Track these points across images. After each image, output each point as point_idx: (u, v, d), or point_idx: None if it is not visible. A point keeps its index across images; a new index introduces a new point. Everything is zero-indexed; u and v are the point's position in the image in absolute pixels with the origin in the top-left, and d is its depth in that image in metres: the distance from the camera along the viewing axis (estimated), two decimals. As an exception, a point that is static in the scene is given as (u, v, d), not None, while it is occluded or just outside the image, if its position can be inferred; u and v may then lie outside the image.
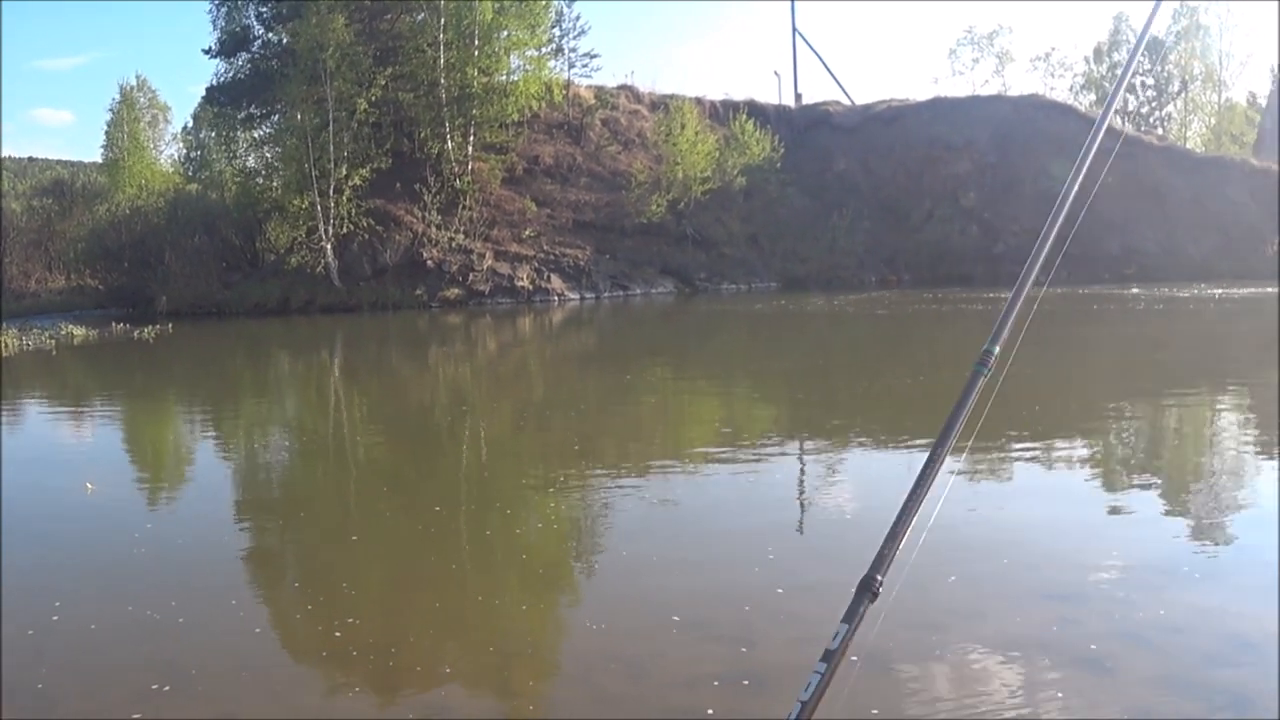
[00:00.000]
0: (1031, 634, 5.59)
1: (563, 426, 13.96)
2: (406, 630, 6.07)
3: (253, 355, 28.67)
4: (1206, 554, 7.22)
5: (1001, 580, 6.44)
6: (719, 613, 6.09)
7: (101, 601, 6.61)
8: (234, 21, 47.82)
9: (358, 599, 6.65)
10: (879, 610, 2.37)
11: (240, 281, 42.92)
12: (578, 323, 35.83)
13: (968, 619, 5.79)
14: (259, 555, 8.18)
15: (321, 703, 5.17)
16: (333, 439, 14.01)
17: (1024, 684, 4.97)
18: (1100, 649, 5.32)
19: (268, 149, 47.69)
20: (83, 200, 56.39)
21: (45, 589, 6.83)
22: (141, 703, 5.01)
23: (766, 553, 7.30)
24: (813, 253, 52.66)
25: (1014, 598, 6.18)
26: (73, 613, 6.34)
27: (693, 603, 6.24)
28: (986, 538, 7.35)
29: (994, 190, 52.88)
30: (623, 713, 4.86)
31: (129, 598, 6.65)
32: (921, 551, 6.85)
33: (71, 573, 7.35)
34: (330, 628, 6.06)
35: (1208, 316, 29.14)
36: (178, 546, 8.07)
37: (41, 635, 5.98)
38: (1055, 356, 18.76)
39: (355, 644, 5.79)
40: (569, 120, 53.52)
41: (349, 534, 8.59)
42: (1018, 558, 6.89)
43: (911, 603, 5.96)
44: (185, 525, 8.92)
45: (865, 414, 14.02)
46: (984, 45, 76.15)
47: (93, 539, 8.42)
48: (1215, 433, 12.39)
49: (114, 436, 15.48)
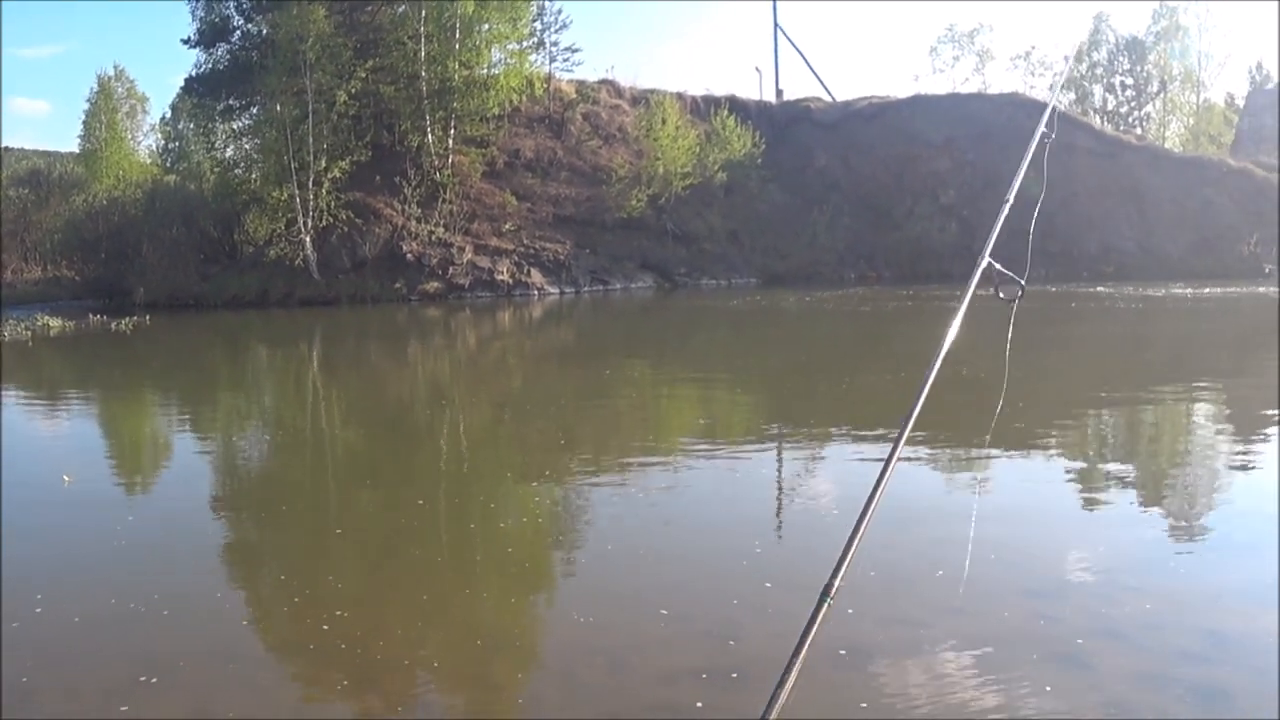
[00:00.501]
0: (1012, 630, 5.64)
1: (543, 421, 13.95)
2: (389, 623, 6.06)
3: (231, 348, 28.53)
4: (1186, 551, 7.28)
5: (982, 577, 6.48)
6: (704, 607, 6.12)
7: (84, 594, 6.58)
8: (213, 12, 47.50)
9: (340, 592, 6.65)
10: (861, 607, 2.39)
11: (218, 273, 42.69)
12: (557, 317, 35.81)
13: (948, 615, 5.82)
14: (241, 548, 8.16)
15: (304, 695, 5.17)
16: (312, 433, 13.97)
17: (1004, 680, 5.01)
18: (1080, 645, 5.37)
19: (246, 140, 47.43)
20: (59, 191, 55.99)
21: (26, 581, 6.80)
22: (126, 695, 5.00)
23: (751, 546, 7.33)
24: (793, 249, 52.75)
25: (995, 594, 6.22)
26: (56, 605, 6.31)
27: (677, 597, 6.26)
28: (967, 534, 7.39)
29: (974, 188, 53.00)
30: (606, 706, 4.88)
31: (111, 590, 6.63)
32: (902, 548, 6.91)
33: (52, 565, 7.32)
34: (315, 620, 6.05)
35: (1184, 315, 29.34)
36: (159, 539, 8.06)
37: (26, 628, 5.95)
38: (1036, 355, 18.86)
39: (338, 636, 5.78)
40: (550, 114, 53.44)
41: (330, 527, 8.58)
42: (998, 554, 6.94)
43: (893, 599, 6.00)
44: (165, 518, 8.89)
45: (846, 409, 14.06)
46: (964, 43, 76.37)
47: (72, 531, 8.38)
48: (1194, 430, 12.49)
49: (91, 429, 15.40)
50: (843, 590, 2.55)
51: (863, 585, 5.82)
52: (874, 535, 2.68)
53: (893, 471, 2.62)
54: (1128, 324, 27.10)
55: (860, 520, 2.53)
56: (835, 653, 5.15)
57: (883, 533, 6.39)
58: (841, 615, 2.25)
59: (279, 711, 4.88)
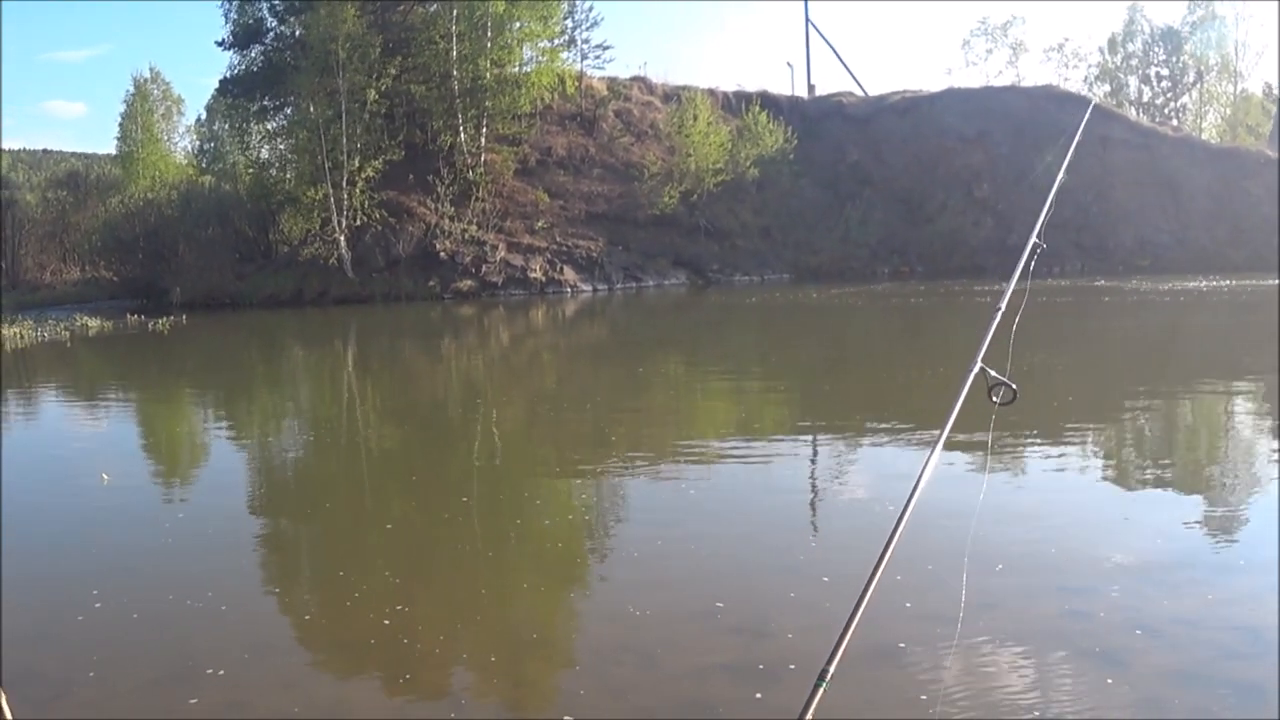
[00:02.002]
0: (1044, 626, 5.61)
1: (578, 418, 13.99)
2: (424, 620, 6.10)
3: (267, 347, 28.77)
4: (1220, 547, 7.21)
5: (1015, 573, 6.45)
6: (737, 603, 6.12)
7: (136, 590, 6.69)
8: (246, 14, 47.95)
9: (377, 589, 6.69)
10: (892, 604, 2.39)
11: (254, 273, 43.07)
12: (590, 315, 35.86)
13: (981, 611, 5.80)
14: (280, 546, 8.24)
15: (340, 691, 5.22)
16: (348, 431, 14.06)
17: (1037, 676, 4.98)
18: (1113, 642, 5.34)
19: (281, 141, 47.87)
20: (97, 192, 56.67)
21: (81, 579, 6.92)
22: (173, 688, 5.08)
23: (785, 543, 7.33)
24: (825, 244, 52.61)
25: (1027, 590, 6.19)
26: (112, 601, 6.41)
27: (710, 593, 6.27)
28: (1000, 530, 7.36)
29: (1007, 181, 52.65)
30: (638, 702, 4.89)
31: (152, 587, 6.72)
32: (936, 543, 6.87)
33: (105, 560, 7.45)
34: (351, 617, 6.12)
35: (1222, 309, 29.02)
36: (199, 537, 8.13)
37: (89, 623, 6.05)
38: (1071, 350, 18.72)
39: (374, 632, 5.83)
40: (582, 112, 53.53)
41: (367, 525, 8.64)
42: (1031, 550, 6.90)
43: (925, 594, 5.99)
44: (205, 517, 8.96)
45: (880, 406, 14.01)
46: (998, 36, 75.87)
47: (115, 529, 8.50)
48: (1230, 427, 12.36)
49: (129, 428, 15.56)
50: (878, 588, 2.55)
51: (890, 583, 5.80)
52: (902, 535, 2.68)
53: (899, 538, 2.63)
54: (1164, 316, 26.82)
55: (859, 602, 2.54)
56: (867, 649, 5.13)
57: (911, 530, 6.41)
58: (875, 611, 2.26)
59: (315, 707, 4.94)
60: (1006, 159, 54.12)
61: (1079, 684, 4.89)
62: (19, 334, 27.28)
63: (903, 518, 2.67)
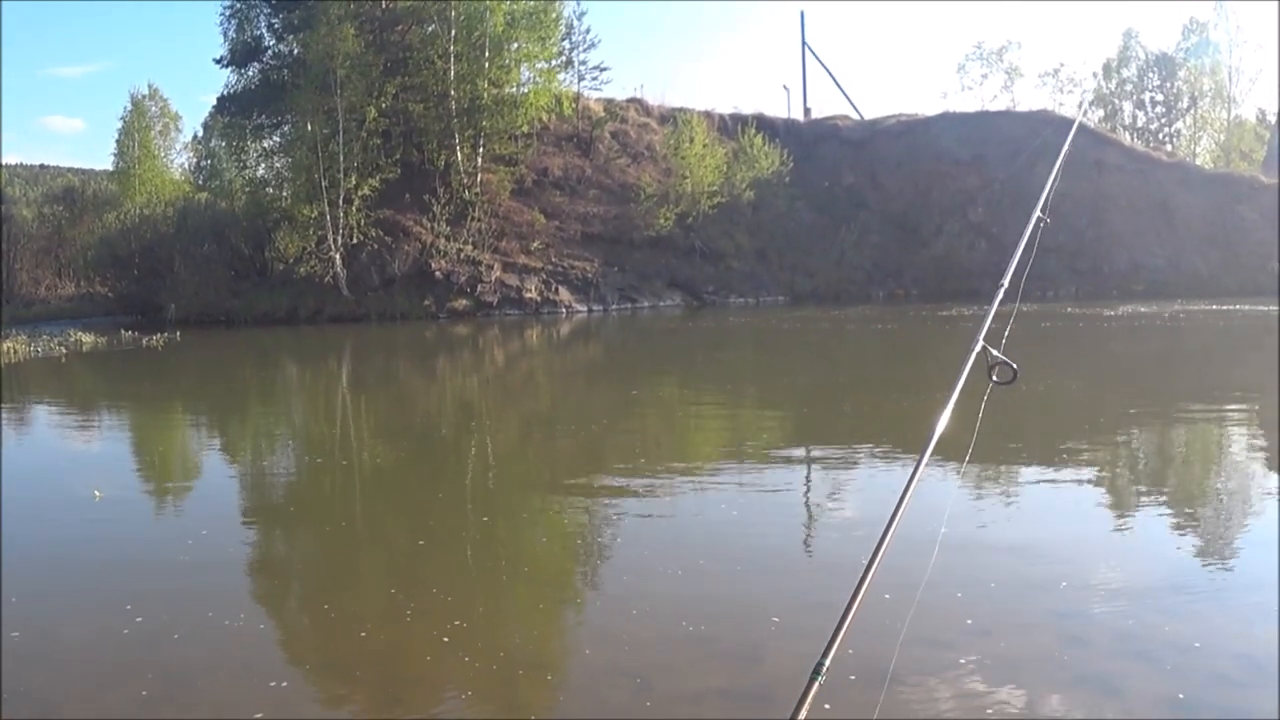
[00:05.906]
0: (1040, 652, 5.59)
1: (571, 440, 13.97)
2: (413, 640, 6.07)
3: (262, 364, 28.72)
4: (1215, 572, 7.20)
5: (1010, 598, 6.44)
6: (730, 627, 6.10)
7: (125, 608, 6.65)
8: (245, 32, 48.06)
9: (366, 608, 6.66)
10: (882, 628, 2.38)
11: (249, 290, 43.00)
12: (585, 335, 35.85)
13: (976, 636, 5.78)
14: (270, 564, 8.20)
15: (327, 712, 5.18)
16: (340, 449, 14.02)
17: (1032, 702, 4.97)
18: (1109, 668, 5.32)
19: (278, 158, 47.86)
20: (93, 208, 56.71)
21: (72, 595, 6.88)
22: (154, 708, 5.04)
23: (778, 565, 7.31)
24: (820, 266, 52.68)
25: (1022, 616, 6.18)
26: (102, 618, 6.37)
27: (704, 617, 6.24)
28: (995, 555, 7.35)
29: (1002, 205, 52.74)
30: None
31: (140, 603, 6.68)
32: (930, 569, 6.83)
33: (96, 577, 7.40)
34: (339, 637, 6.08)
35: (1213, 333, 29.07)
36: (188, 554, 8.09)
37: (81, 639, 6.01)
38: (1063, 375, 18.74)
39: (362, 653, 5.80)
40: (578, 132, 53.65)
41: (358, 544, 8.61)
42: (1026, 575, 6.89)
43: (919, 619, 5.96)
44: (194, 533, 8.92)
45: (873, 430, 14.00)
46: (993, 60, 75.89)
47: (107, 546, 8.46)
48: (1222, 450, 12.36)
49: (123, 444, 15.51)
50: (864, 609, 2.54)
51: (880, 606, 5.78)
52: (891, 560, 2.68)
53: (885, 552, 2.62)
54: (1159, 341, 26.87)
55: (853, 598, 2.53)
56: (858, 674, 5.11)
57: (900, 554, 6.37)
58: (863, 635, 2.24)
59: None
60: (1002, 183, 54.23)
61: (1075, 710, 4.87)
62: (13, 349, 27.18)
63: (898, 513, 2.65)
